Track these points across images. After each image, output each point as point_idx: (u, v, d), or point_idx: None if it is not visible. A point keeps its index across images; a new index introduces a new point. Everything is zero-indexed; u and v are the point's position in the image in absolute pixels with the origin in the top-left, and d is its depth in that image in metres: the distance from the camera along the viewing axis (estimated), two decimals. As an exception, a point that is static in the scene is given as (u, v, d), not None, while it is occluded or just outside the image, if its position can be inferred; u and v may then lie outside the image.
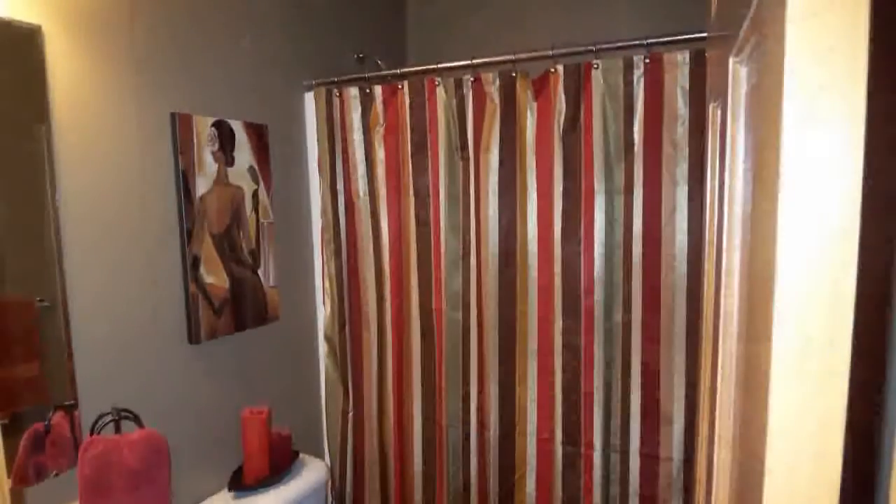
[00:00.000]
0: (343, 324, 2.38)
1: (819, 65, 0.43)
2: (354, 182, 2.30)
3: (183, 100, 1.82)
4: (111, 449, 1.49)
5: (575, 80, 1.88)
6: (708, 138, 1.15)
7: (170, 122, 1.77)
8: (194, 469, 1.90)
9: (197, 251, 1.85)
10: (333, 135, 2.30)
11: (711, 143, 1.09)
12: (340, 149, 2.30)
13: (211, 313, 1.91)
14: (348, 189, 2.31)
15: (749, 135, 0.72)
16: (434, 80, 2.09)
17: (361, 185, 2.30)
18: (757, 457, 0.53)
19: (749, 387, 0.62)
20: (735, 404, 0.79)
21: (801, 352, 0.47)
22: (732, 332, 0.81)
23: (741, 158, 0.79)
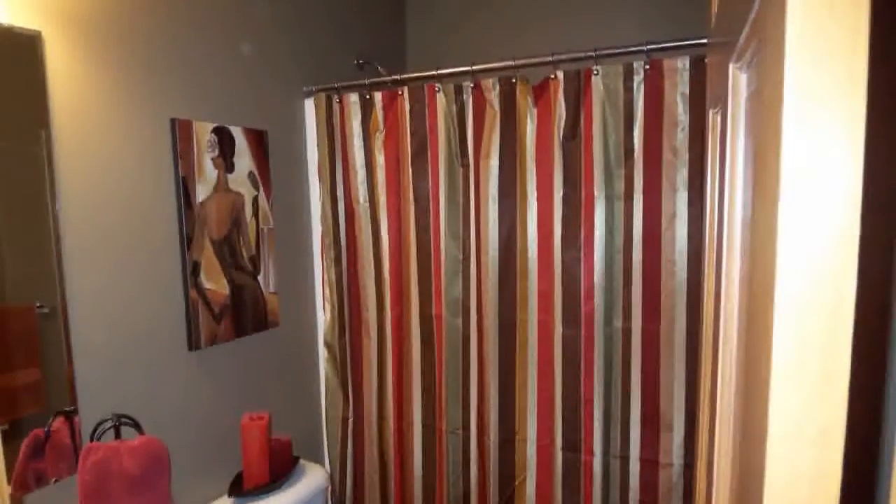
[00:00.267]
0: (343, 330, 2.38)
1: (819, 69, 0.43)
2: (354, 188, 2.30)
3: (183, 106, 1.82)
4: (111, 455, 1.48)
5: (575, 87, 1.88)
6: (708, 144, 1.16)
7: (170, 128, 1.78)
8: (194, 475, 1.89)
9: (197, 257, 1.85)
10: (333, 141, 2.30)
11: (711, 150, 1.09)
12: (340, 155, 2.30)
13: (211, 319, 1.91)
14: (348, 195, 2.32)
15: (749, 140, 0.72)
16: (434, 87, 2.10)
17: (361, 192, 2.30)
18: (757, 463, 0.52)
19: (749, 392, 0.62)
20: (735, 410, 0.79)
21: (801, 357, 0.46)
22: (732, 338, 0.81)
23: (741, 164, 0.79)
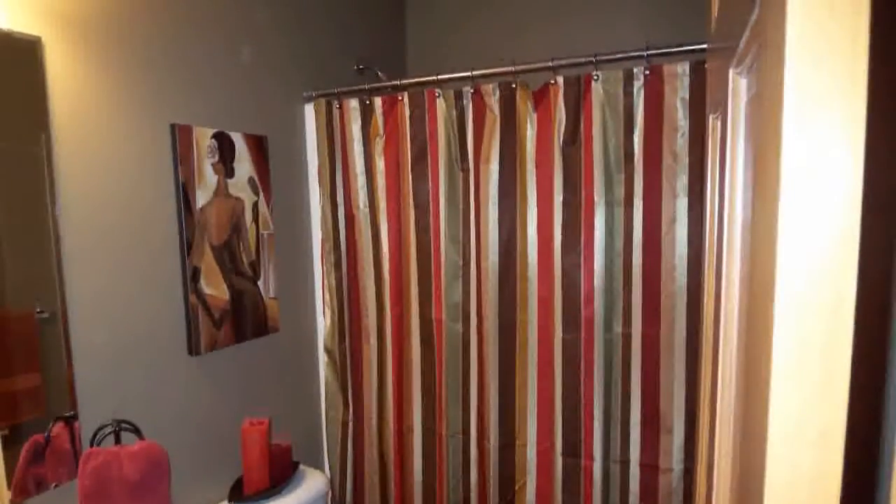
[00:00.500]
0: (343, 335, 2.38)
1: (819, 70, 0.43)
2: (354, 193, 2.30)
3: (183, 111, 1.82)
4: (111, 460, 1.48)
5: (575, 92, 1.89)
6: (708, 149, 1.16)
7: (170, 134, 1.78)
8: (194, 480, 1.89)
9: (197, 263, 1.85)
10: (333, 146, 2.30)
11: (711, 154, 1.10)
12: (340, 160, 2.31)
13: (211, 325, 1.91)
14: (348, 200, 2.32)
15: (749, 145, 0.73)
16: (434, 92, 2.10)
17: (361, 197, 2.30)
18: (757, 464, 0.53)
19: (749, 395, 0.62)
20: (735, 411, 0.79)
21: (801, 358, 0.47)
22: (733, 339, 0.81)
23: (741, 168, 0.79)
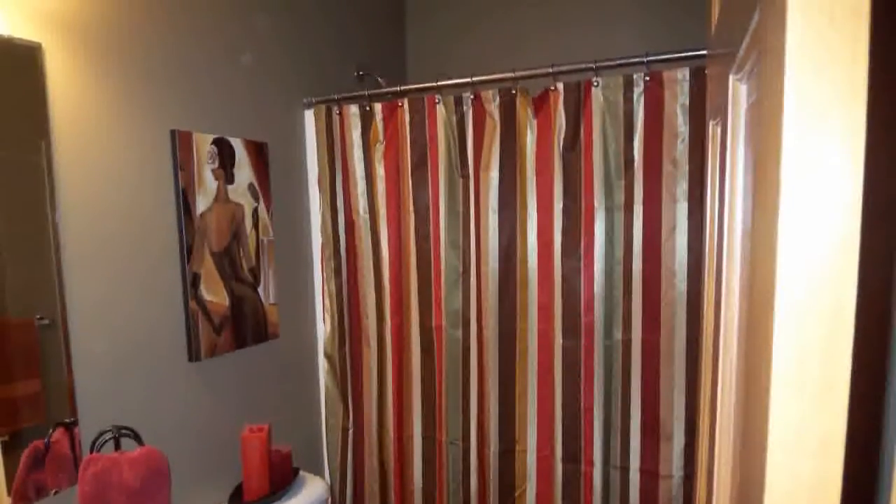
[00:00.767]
0: (343, 341, 2.38)
1: (819, 78, 0.43)
2: (354, 199, 2.30)
3: (183, 117, 1.83)
4: (111, 467, 1.48)
5: (575, 98, 1.89)
6: (708, 155, 1.16)
7: (170, 140, 1.78)
8: (194, 486, 1.89)
9: (197, 269, 1.85)
10: (333, 152, 2.31)
11: (711, 161, 1.10)
12: (340, 166, 2.31)
13: (211, 331, 1.91)
14: (348, 206, 2.32)
15: (749, 151, 0.73)
16: (434, 98, 2.10)
17: (361, 203, 2.30)
18: (757, 472, 0.52)
19: (749, 401, 0.62)
20: (735, 419, 0.79)
21: (801, 366, 0.47)
22: (733, 347, 0.81)
23: (741, 174, 0.79)
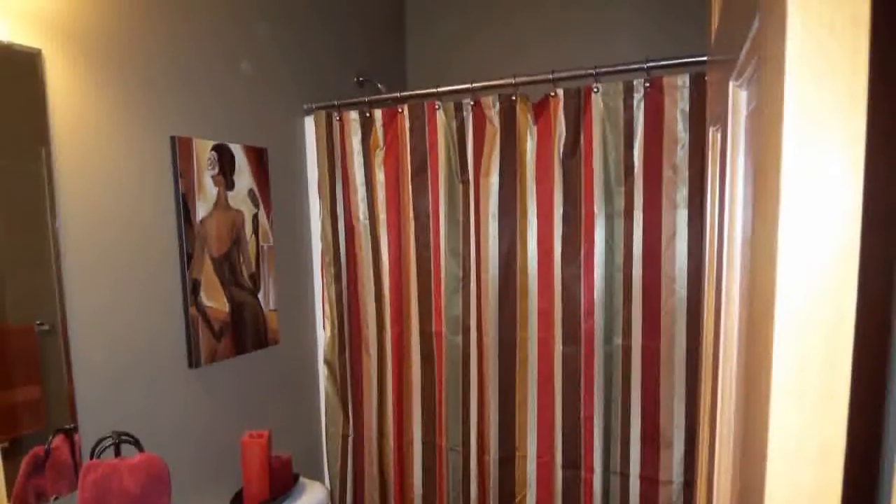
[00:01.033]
0: (343, 347, 2.38)
1: (819, 87, 0.43)
2: (354, 205, 2.30)
3: (183, 123, 1.83)
4: (111, 473, 1.47)
5: (575, 104, 1.89)
6: (708, 162, 1.16)
7: (170, 146, 1.78)
8: (194, 493, 1.88)
9: (197, 275, 1.85)
10: (333, 158, 2.31)
11: (711, 167, 1.10)
12: (340, 172, 2.31)
13: (211, 337, 1.90)
14: (348, 212, 2.32)
15: (749, 158, 0.73)
16: (434, 104, 2.11)
17: (361, 209, 2.30)
18: (757, 480, 0.52)
19: (749, 409, 0.62)
20: (735, 427, 0.78)
21: (801, 374, 0.46)
22: (733, 354, 0.81)
23: (741, 181, 0.79)
